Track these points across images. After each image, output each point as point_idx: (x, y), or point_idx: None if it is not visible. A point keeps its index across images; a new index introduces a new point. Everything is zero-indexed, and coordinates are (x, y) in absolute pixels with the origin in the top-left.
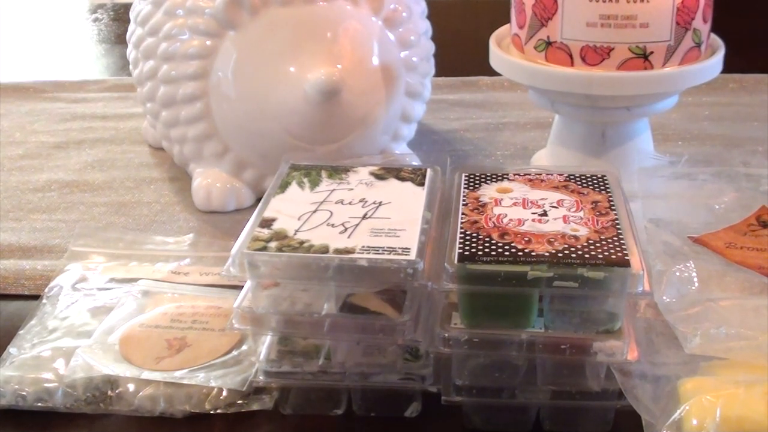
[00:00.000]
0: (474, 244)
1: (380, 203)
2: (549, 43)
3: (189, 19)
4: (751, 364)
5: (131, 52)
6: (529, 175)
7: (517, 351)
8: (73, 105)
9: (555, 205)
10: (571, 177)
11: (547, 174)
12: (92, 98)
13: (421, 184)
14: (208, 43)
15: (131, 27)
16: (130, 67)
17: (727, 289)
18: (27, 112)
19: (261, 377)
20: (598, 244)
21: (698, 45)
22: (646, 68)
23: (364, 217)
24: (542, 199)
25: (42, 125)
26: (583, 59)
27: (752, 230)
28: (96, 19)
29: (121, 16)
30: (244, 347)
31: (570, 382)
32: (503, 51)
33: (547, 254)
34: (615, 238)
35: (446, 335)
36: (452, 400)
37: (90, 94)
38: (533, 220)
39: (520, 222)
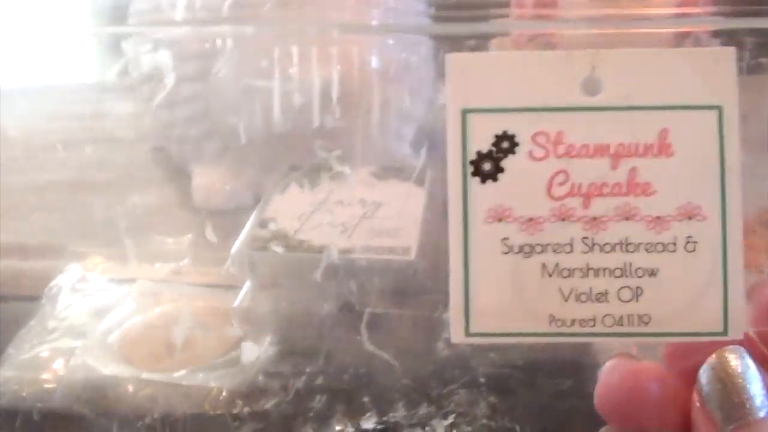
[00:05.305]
0: None
1: (380, 203)
2: (549, 44)
3: None
4: None
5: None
6: None
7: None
8: (73, 105)
9: None
10: None
11: None
12: (92, 98)
13: (421, 184)
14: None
15: None
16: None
17: None
18: (27, 111)
19: (261, 377)
20: None
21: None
22: None
23: (364, 217)
24: None
25: (42, 125)
26: None
27: (752, 230)
28: None
29: None
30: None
31: None
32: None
33: None
34: None
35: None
36: None
37: (90, 94)
38: None
39: None
